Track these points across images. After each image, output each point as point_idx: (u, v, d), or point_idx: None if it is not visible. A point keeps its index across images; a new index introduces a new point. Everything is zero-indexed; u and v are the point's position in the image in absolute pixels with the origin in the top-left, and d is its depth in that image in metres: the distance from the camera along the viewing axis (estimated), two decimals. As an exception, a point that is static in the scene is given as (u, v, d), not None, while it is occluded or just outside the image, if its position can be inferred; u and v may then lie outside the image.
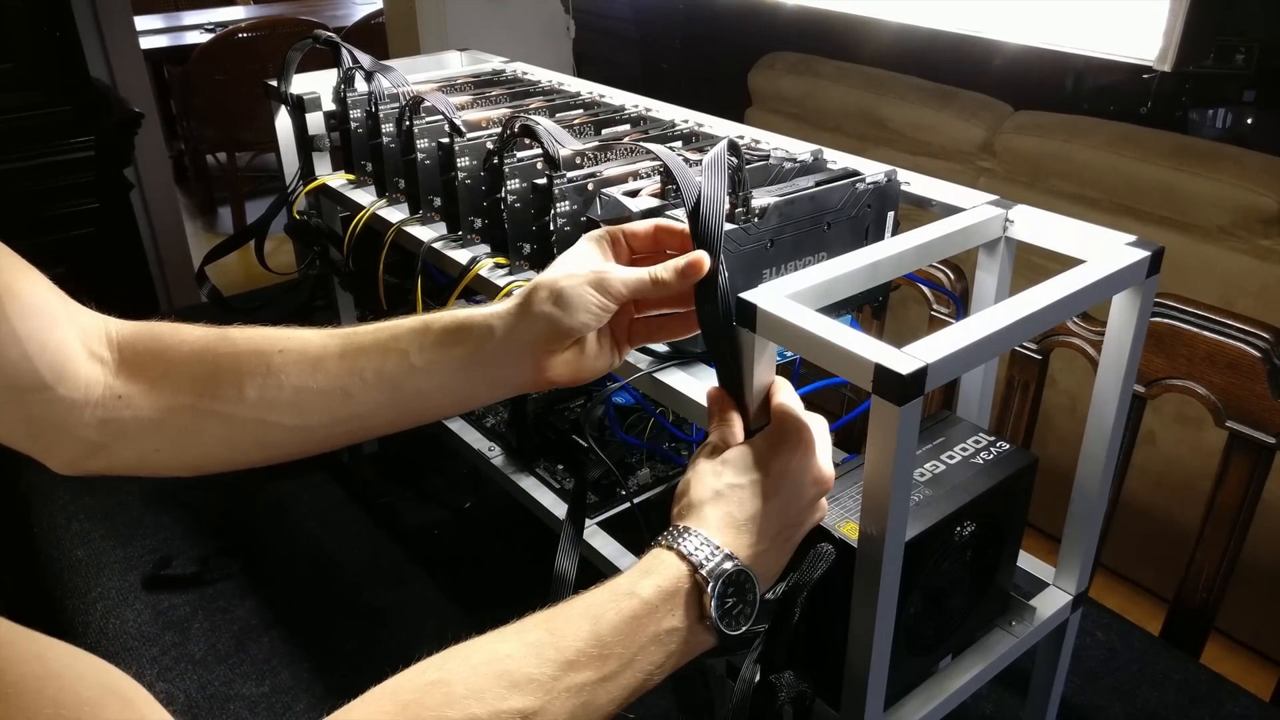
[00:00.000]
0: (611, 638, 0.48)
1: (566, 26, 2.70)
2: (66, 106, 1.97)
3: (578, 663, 0.47)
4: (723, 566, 0.50)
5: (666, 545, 0.51)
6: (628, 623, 0.48)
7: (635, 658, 0.48)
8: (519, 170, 0.75)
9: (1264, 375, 0.88)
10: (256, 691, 0.85)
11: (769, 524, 0.53)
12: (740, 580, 0.51)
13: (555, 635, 0.47)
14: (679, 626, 0.49)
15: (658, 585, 0.50)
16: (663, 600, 0.49)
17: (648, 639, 0.48)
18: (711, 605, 0.49)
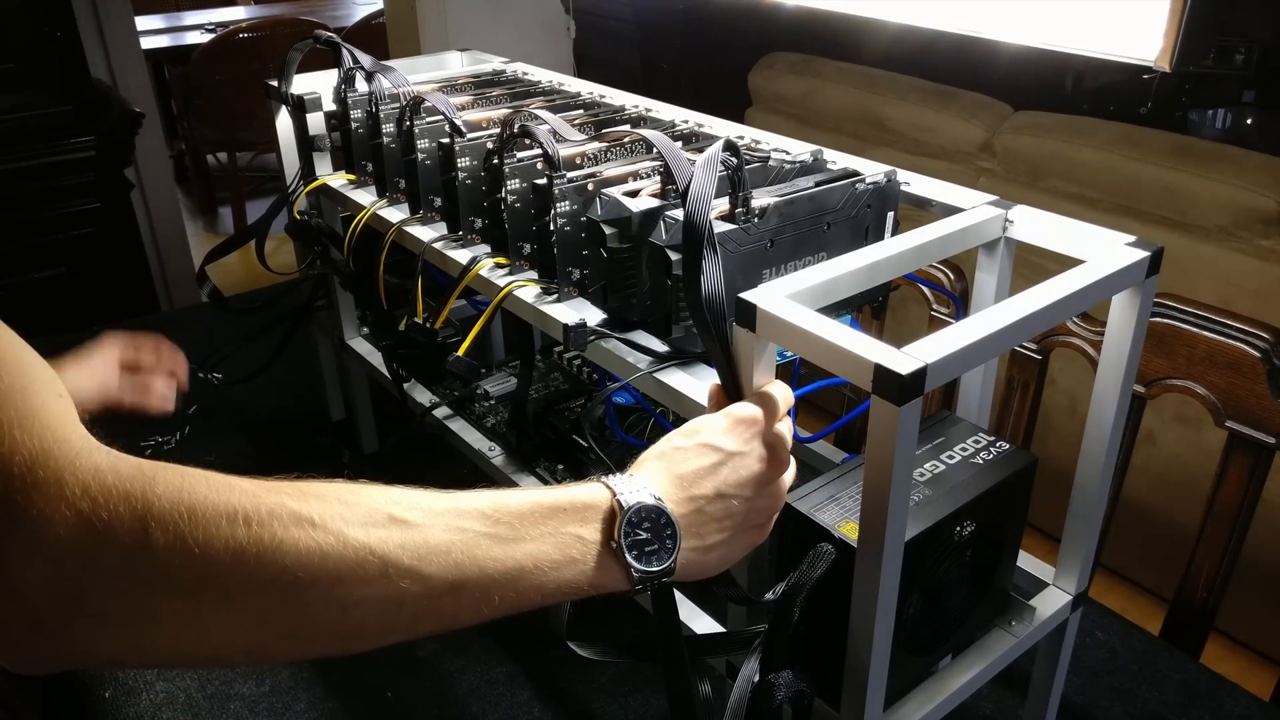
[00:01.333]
0: (507, 510, 0.48)
1: (567, 27, 2.71)
2: (67, 106, 1.97)
3: (467, 512, 0.47)
4: (641, 499, 0.51)
5: (597, 478, 0.53)
6: (528, 508, 0.49)
7: (525, 537, 0.48)
8: (519, 170, 0.75)
9: (1264, 375, 0.88)
10: (256, 691, 0.85)
11: (704, 481, 0.53)
12: (658, 518, 0.51)
13: (455, 495, 0.48)
14: (584, 537, 0.50)
15: (572, 495, 0.50)
16: (572, 506, 0.50)
17: (544, 531, 0.48)
18: (620, 529, 0.50)
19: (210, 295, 1.09)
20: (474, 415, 0.98)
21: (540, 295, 0.74)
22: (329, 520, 0.43)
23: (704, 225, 0.55)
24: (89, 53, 2.26)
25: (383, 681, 0.85)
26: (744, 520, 0.55)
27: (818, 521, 0.58)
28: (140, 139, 2.23)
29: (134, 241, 2.26)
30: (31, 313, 0.56)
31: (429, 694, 0.84)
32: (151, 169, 2.53)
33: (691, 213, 0.56)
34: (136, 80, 2.47)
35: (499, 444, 0.93)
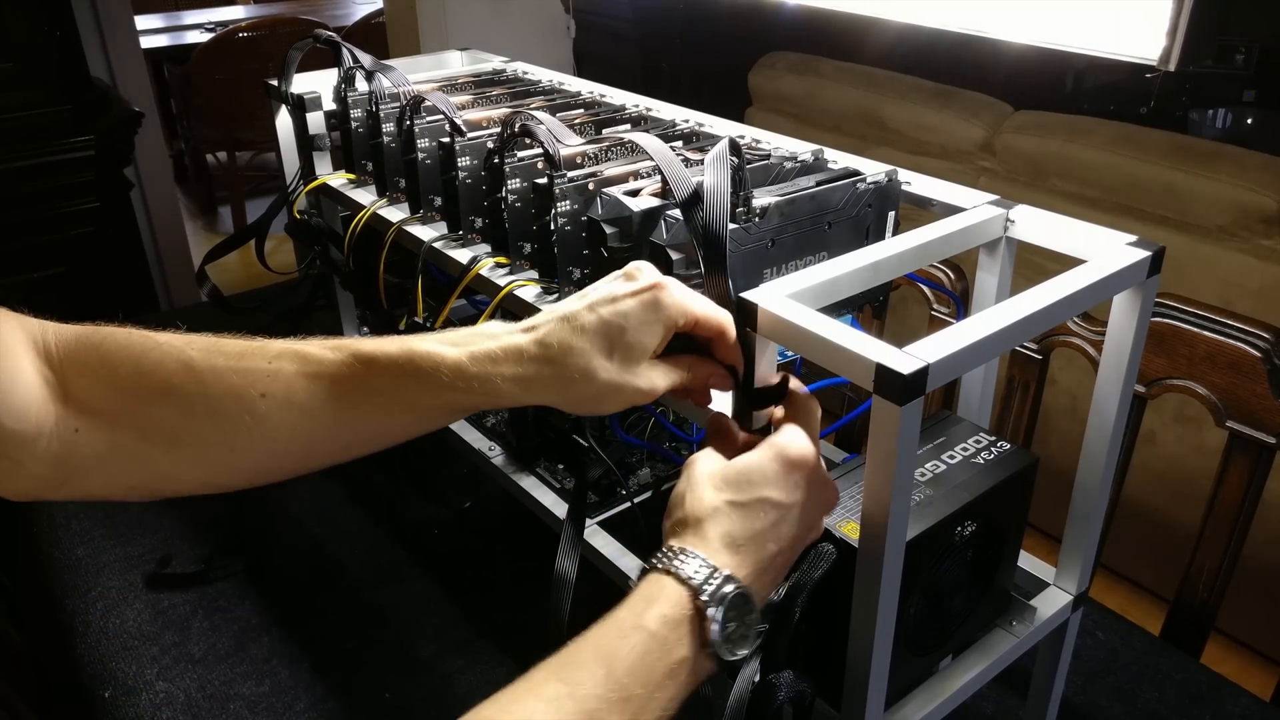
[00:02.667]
0: (628, 678, 0.45)
1: (567, 26, 2.70)
2: (66, 106, 1.97)
3: (599, 710, 0.44)
4: (723, 590, 0.48)
5: (664, 569, 0.49)
6: (641, 660, 0.46)
7: (653, 695, 0.46)
8: (519, 170, 0.75)
9: (1264, 375, 0.88)
10: (256, 691, 0.85)
11: (768, 544, 0.51)
12: (740, 603, 0.49)
13: (571, 685, 0.45)
14: (687, 656, 0.47)
15: (663, 615, 0.47)
16: (670, 630, 0.47)
17: (661, 674, 0.46)
18: (714, 631, 0.48)
19: (210, 295, 1.09)
20: (474, 415, 0.97)
21: (541, 295, 0.74)
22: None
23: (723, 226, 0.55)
24: (88, 52, 2.26)
25: (382, 682, 0.85)
26: (794, 558, 0.54)
27: (818, 521, 0.58)
28: (140, 138, 2.23)
29: (133, 241, 2.26)
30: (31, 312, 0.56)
31: (428, 694, 0.83)
32: (151, 168, 2.52)
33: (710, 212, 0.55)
34: (136, 79, 2.47)
35: (499, 444, 0.93)
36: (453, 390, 0.54)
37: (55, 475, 0.54)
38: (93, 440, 0.54)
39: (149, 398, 0.54)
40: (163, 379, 0.54)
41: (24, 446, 0.52)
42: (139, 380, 0.54)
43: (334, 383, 0.55)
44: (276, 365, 0.56)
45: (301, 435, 0.56)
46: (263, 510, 1.08)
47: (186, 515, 1.07)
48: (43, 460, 0.53)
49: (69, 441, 0.53)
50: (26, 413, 0.52)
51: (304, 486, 1.11)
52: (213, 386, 0.55)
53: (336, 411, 0.56)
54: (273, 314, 1.10)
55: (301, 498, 1.10)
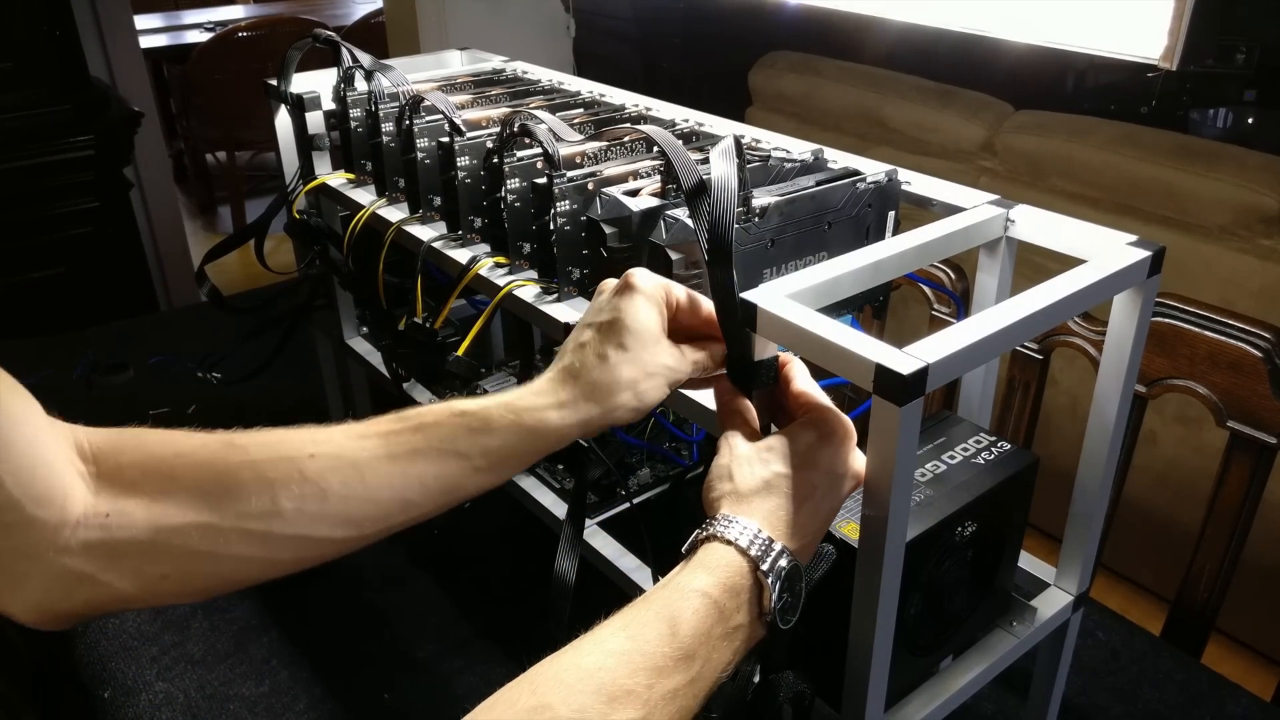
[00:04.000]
0: (691, 639, 0.47)
1: (567, 26, 2.70)
2: (66, 105, 1.97)
3: (666, 668, 0.45)
4: (779, 563, 0.49)
5: (721, 539, 0.50)
6: (703, 622, 0.47)
7: (712, 656, 0.47)
8: (519, 169, 0.75)
9: (1265, 375, 0.88)
10: (256, 691, 0.85)
11: (813, 519, 0.52)
12: (794, 576, 0.50)
13: (637, 641, 0.46)
14: (743, 623, 0.49)
15: (723, 582, 0.48)
16: (730, 597, 0.48)
17: (719, 637, 0.48)
18: (773, 601, 0.49)
19: (209, 295, 1.09)
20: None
21: (540, 295, 0.74)
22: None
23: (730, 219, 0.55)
24: (88, 52, 2.26)
25: (382, 682, 0.85)
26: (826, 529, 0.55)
27: (818, 522, 0.57)
28: (139, 138, 2.23)
29: (133, 241, 2.26)
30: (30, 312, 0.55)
31: (428, 695, 0.83)
32: (150, 168, 2.52)
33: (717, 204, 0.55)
34: (135, 79, 2.47)
35: (499, 444, 0.93)
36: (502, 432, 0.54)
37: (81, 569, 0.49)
38: (127, 523, 0.50)
39: (189, 470, 0.52)
40: (204, 455, 0.53)
41: (46, 538, 0.48)
42: (178, 459, 0.52)
43: (384, 437, 0.54)
44: (324, 433, 0.55)
45: (355, 495, 0.53)
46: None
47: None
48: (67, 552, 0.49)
49: (100, 528, 0.50)
50: (51, 499, 0.49)
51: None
52: (257, 453, 0.53)
53: (390, 464, 0.54)
54: (272, 314, 1.10)
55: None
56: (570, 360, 0.55)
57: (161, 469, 0.52)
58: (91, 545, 0.49)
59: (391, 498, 0.54)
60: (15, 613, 0.50)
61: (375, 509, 0.54)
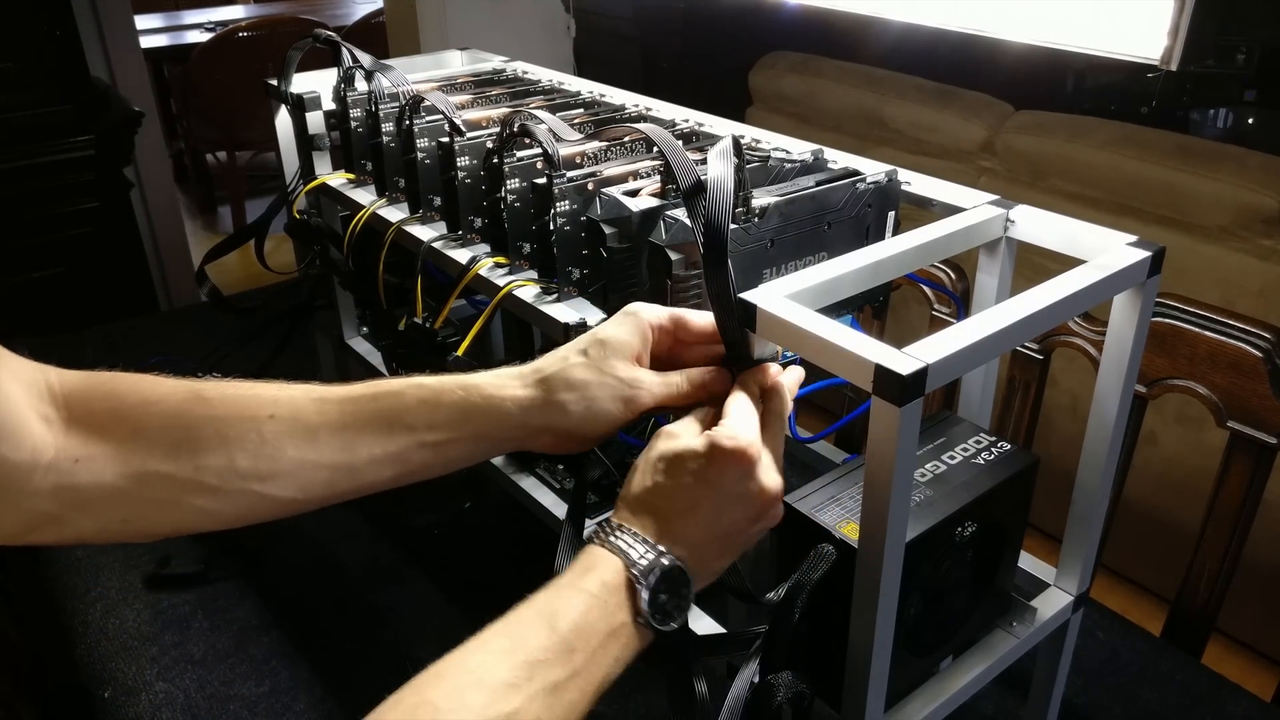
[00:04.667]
0: (570, 633, 0.48)
1: (567, 25, 2.70)
2: (66, 105, 1.97)
3: (545, 662, 0.47)
4: (659, 561, 0.51)
5: (600, 542, 0.52)
6: (582, 618, 0.48)
7: (596, 652, 0.48)
8: (519, 170, 0.75)
9: (1265, 375, 0.88)
10: (256, 691, 0.85)
11: (700, 530, 0.53)
12: (673, 576, 0.51)
13: (516, 640, 0.47)
14: (626, 621, 0.50)
15: (601, 580, 0.50)
16: (608, 595, 0.50)
17: (604, 634, 0.49)
18: (644, 601, 0.50)
19: (209, 295, 1.09)
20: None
21: (540, 295, 0.74)
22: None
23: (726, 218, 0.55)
24: (88, 52, 2.26)
25: (382, 682, 0.85)
26: (739, 543, 0.55)
27: (818, 522, 0.58)
28: (139, 138, 2.23)
29: (133, 241, 2.26)
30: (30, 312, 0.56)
31: (428, 694, 0.83)
32: (151, 168, 2.52)
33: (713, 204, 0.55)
34: (136, 79, 2.47)
35: (499, 444, 0.93)
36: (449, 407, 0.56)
37: (50, 510, 0.52)
38: (95, 469, 0.53)
39: (155, 421, 0.54)
40: (171, 406, 0.55)
41: (18, 478, 0.51)
42: (146, 408, 0.54)
43: (342, 403, 0.57)
44: (287, 392, 0.57)
45: (307, 459, 0.56)
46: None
47: (186, 515, 1.07)
48: (38, 493, 0.52)
49: (68, 472, 0.52)
50: (21, 441, 0.51)
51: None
52: (221, 408, 0.55)
53: (342, 432, 0.56)
54: (272, 314, 1.10)
55: (301, 498, 1.10)
56: (543, 362, 0.58)
57: (129, 417, 0.54)
58: (61, 488, 0.52)
59: (339, 463, 0.56)
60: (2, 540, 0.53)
61: (323, 473, 0.56)
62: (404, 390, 0.57)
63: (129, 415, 0.54)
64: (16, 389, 0.51)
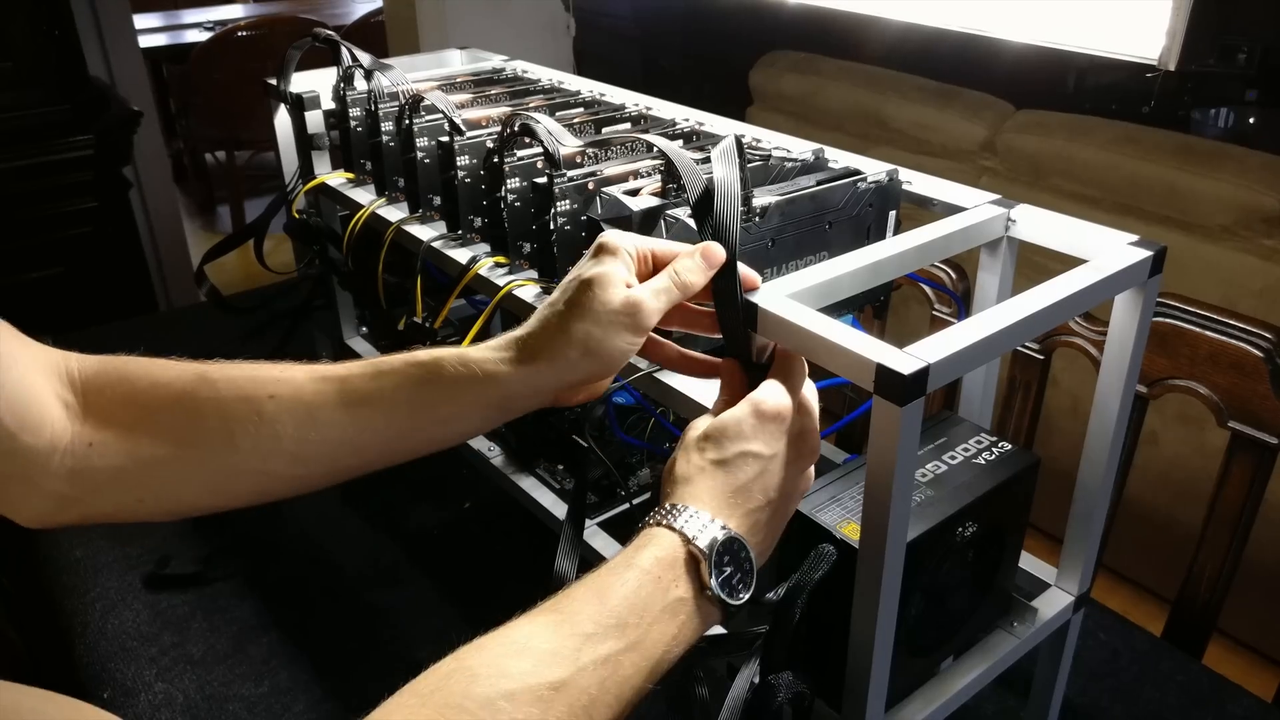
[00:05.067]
0: (622, 607, 0.47)
1: (567, 25, 2.70)
2: (65, 105, 1.97)
3: (596, 634, 0.46)
4: (714, 535, 0.50)
5: (655, 522, 0.51)
6: (634, 593, 0.47)
7: (651, 627, 0.47)
8: (519, 169, 0.75)
9: (1266, 375, 0.88)
10: (255, 692, 0.85)
11: (755, 495, 0.52)
12: (735, 549, 0.50)
13: (566, 614, 0.46)
14: (685, 597, 0.49)
15: (655, 556, 0.49)
16: (664, 570, 0.49)
17: (659, 609, 0.48)
18: (710, 575, 0.49)
19: (209, 294, 1.09)
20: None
21: (540, 295, 0.74)
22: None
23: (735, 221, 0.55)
24: (87, 51, 2.26)
25: (382, 683, 0.85)
26: (787, 512, 0.55)
27: (819, 522, 0.57)
28: (138, 138, 2.22)
29: (132, 241, 2.26)
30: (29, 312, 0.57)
31: (428, 695, 0.83)
32: (150, 168, 2.52)
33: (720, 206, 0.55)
34: (135, 79, 2.47)
35: (498, 444, 0.93)
36: (457, 385, 0.56)
37: (69, 493, 0.54)
38: (107, 453, 0.55)
39: (162, 405, 0.56)
40: (178, 388, 0.56)
41: (38, 463, 0.53)
42: (154, 391, 0.56)
43: (341, 382, 0.57)
44: (288, 373, 0.58)
45: (308, 438, 0.57)
46: (262, 511, 1.08)
47: (185, 515, 1.07)
48: (57, 477, 0.53)
49: (83, 456, 0.54)
50: (41, 429, 0.53)
51: (303, 487, 1.11)
52: (224, 390, 0.57)
53: (341, 410, 0.57)
54: (271, 314, 1.10)
55: (301, 498, 1.09)
56: (530, 321, 0.57)
57: (138, 401, 0.56)
58: (77, 472, 0.54)
59: (340, 439, 0.57)
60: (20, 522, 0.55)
61: (325, 449, 0.57)
62: (402, 367, 0.57)
63: (138, 399, 0.56)
64: (39, 378, 0.53)
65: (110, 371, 0.57)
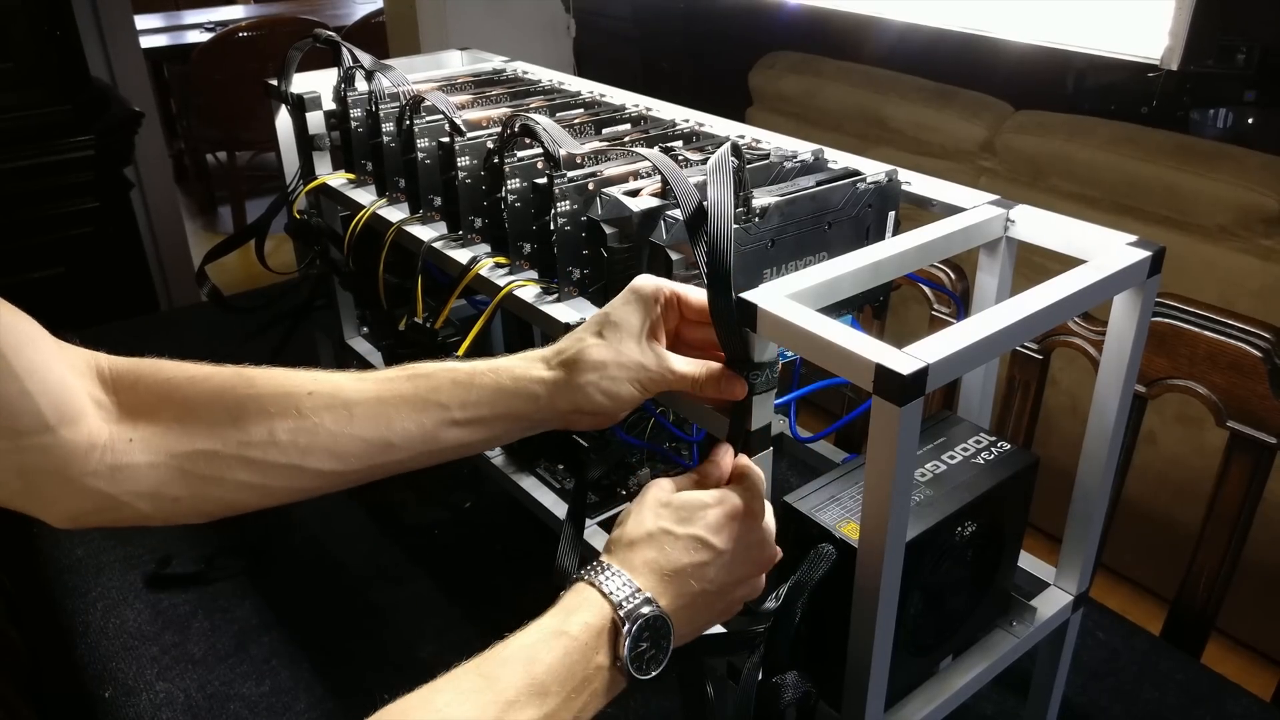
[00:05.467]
0: (547, 677, 0.47)
1: (567, 26, 2.70)
2: (66, 106, 1.97)
3: (518, 703, 0.46)
4: (641, 610, 0.50)
5: (589, 581, 0.51)
6: (561, 661, 0.48)
7: (570, 695, 0.48)
8: (519, 170, 0.75)
9: (1265, 375, 0.88)
10: (256, 691, 0.85)
11: (692, 581, 0.52)
12: (656, 626, 0.50)
13: (490, 680, 0.47)
14: (603, 665, 0.49)
15: (586, 622, 0.49)
16: (591, 637, 0.49)
17: (580, 678, 0.48)
18: (625, 647, 0.49)
19: (209, 295, 1.09)
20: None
21: (540, 295, 0.74)
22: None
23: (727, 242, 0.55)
24: (88, 52, 2.26)
25: (382, 683, 0.85)
26: (723, 609, 0.55)
27: (819, 522, 0.58)
28: (139, 138, 2.22)
29: (133, 241, 2.26)
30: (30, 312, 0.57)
31: (429, 694, 0.83)
32: (151, 168, 2.52)
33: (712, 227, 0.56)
34: (136, 79, 2.47)
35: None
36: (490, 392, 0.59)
37: (109, 490, 0.54)
38: (148, 449, 0.55)
39: (203, 400, 0.57)
40: (217, 382, 0.57)
41: (77, 460, 0.53)
42: (192, 385, 0.57)
43: (378, 382, 0.59)
44: (327, 374, 0.59)
45: (344, 432, 0.58)
46: (263, 511, 1.08)
47: (186, 515, 1.07)
48: (97, 475, 0.54)
49: (125, 452, 0.54)
50: (79, 425, 0.53)
51: (304, 486, 1.11)
52: (263, 386, 0.57)
53: (379, 408, 0.58)
54: (272, 314, 1.10)
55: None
56: (560, 343, 0.61)
57: (176, 396, 0.56)
58: (117, 469, 0.54)
59: (375, 437, 0.58)
60: (47, 520, 0.55)
61: (360, 446, 0.58)
62: (437, 372, 0.59)
63: (176, 394, 0.56)
64: (71, 375, 0.54)
65: (143, 369, 0.57)
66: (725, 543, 0.53)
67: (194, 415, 0.56)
